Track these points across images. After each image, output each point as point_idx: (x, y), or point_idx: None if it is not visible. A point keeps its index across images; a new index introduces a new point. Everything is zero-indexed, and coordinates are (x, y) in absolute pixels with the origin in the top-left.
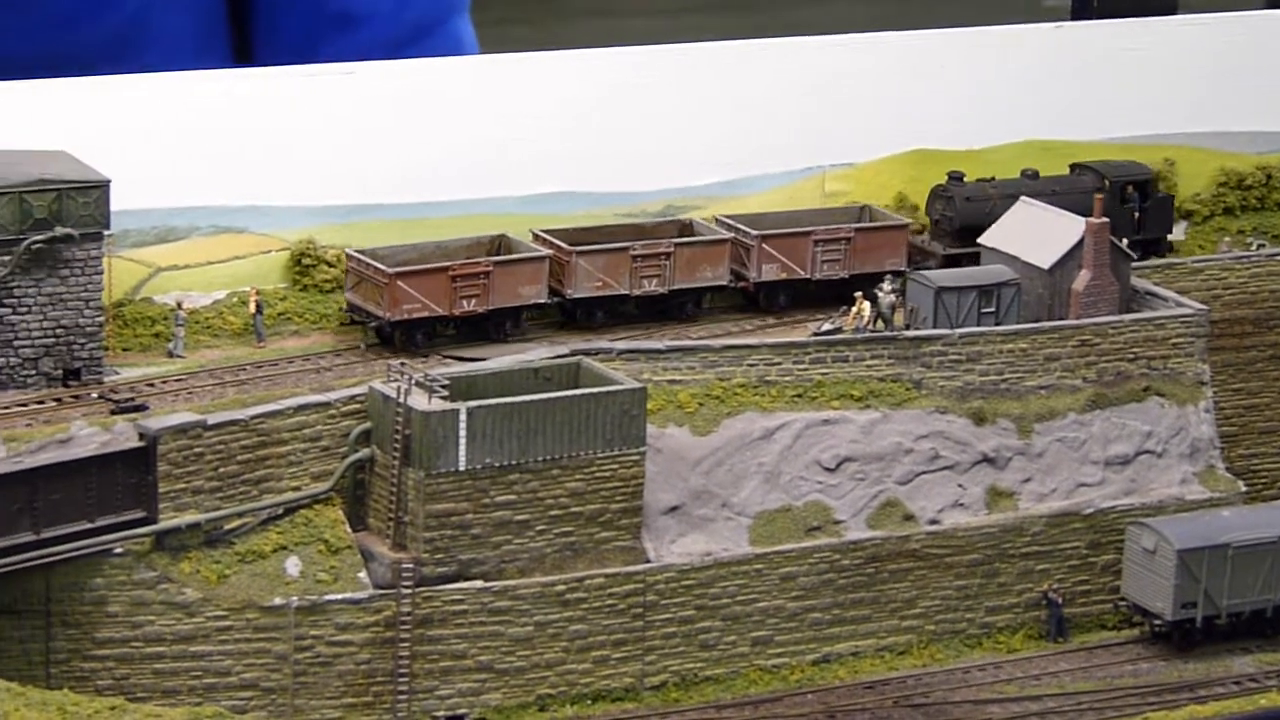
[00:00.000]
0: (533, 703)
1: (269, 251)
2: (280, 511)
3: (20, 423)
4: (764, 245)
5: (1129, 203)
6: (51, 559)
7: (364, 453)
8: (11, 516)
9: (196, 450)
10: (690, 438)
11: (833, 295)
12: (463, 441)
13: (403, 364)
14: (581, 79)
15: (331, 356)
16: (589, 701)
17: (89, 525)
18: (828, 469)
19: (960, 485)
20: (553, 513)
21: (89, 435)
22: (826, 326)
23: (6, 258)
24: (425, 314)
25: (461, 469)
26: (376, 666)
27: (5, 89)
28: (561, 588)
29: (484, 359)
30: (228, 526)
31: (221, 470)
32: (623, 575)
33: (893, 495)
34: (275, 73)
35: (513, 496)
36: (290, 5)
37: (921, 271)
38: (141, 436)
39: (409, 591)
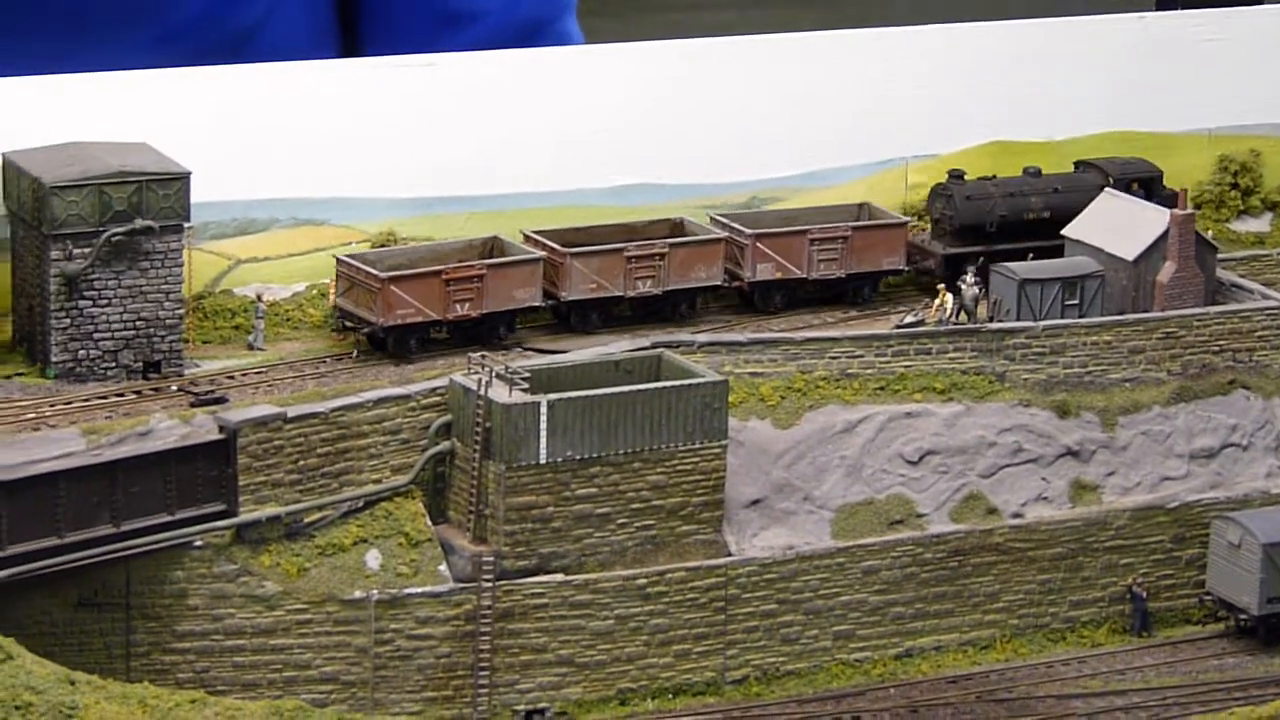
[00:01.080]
0: (613, 697)
1: (349, 244)
2: (360, 504)
3: (100, 415)
4: (758, 244)
5: None
6: (131, 552)
7: (444, 445)
8: (91, 509)
9: (276, 443)
10: (772, 430)
11: (830, 295)
12: (544, 434)
13: (484, 356)
14: (662, 70)
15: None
16: (670, 696)
17: (169, 518)
18: (910, 462)
19: (1044, 478)
20: (634, 506)
21: (169, 428)
22: (909, 319)
23: (86, 250)
24: (419, 319)
25: (542, 462)
26: (457, 660)
27: (86, 80)
28: (643, 581)
29: (565, 351)
30: (308, 519)
31: (301, 463)
32: (704, 569)
33: (976, 488)
34: (356, 64)
35: (594, 489)
36: (404, 5)
37: (1005, 263)
38: (221, 429)
39: (489, 585)
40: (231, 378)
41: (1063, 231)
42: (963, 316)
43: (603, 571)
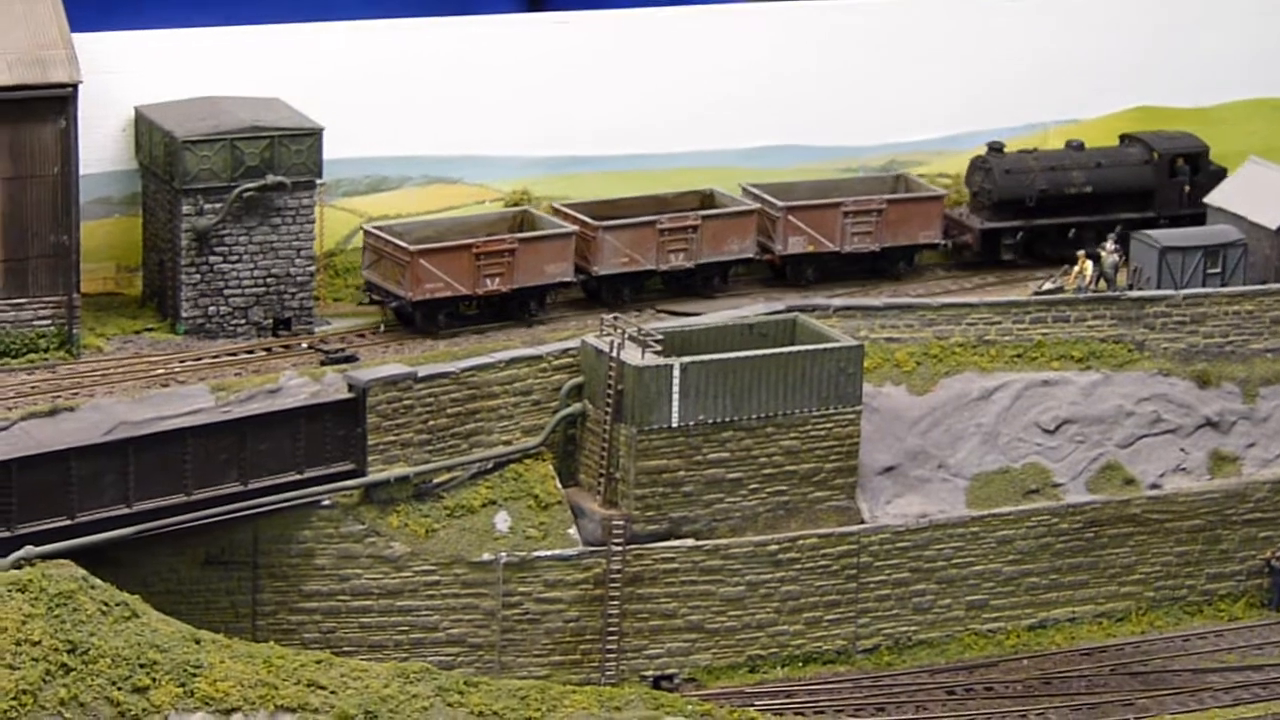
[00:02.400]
0: (743, 664)
1: (482, 202)
2: (490, 466)
3: (230, 372)
4: (790, 217)
5: (1179, 175)
6: (259, 510)
7: (575, 407)
8: (220, 467)
9: (406, 403)
10: (907, 397)
11: (864, 269)
12: (676, 397)
13: (616, 318)
14: (804, 31)
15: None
16: (800, 663)
17: (297, 477)
18: (1047, 431)
19: (1182, 449)
20: (766, 471)
21: (298, 386)
22: (1048, 286)
23: (218, 205)
24: (448, 294)
25: (674, 425)
26: (585, 624)
27: (222, 35)
28: (774, 547)
29: (698, 313)
30: (437, 480)
31: (431, 423)
32: (836, 536)
33: (1113, 458)
34: (490, 21)
35: (725, 454)
36: None
37: (1146, 231)
38: (351, 388)
39: (619, 549)
40: (362, 336)
41: (1205, 199)
42: (1102, 284)
43: (734, 537)
